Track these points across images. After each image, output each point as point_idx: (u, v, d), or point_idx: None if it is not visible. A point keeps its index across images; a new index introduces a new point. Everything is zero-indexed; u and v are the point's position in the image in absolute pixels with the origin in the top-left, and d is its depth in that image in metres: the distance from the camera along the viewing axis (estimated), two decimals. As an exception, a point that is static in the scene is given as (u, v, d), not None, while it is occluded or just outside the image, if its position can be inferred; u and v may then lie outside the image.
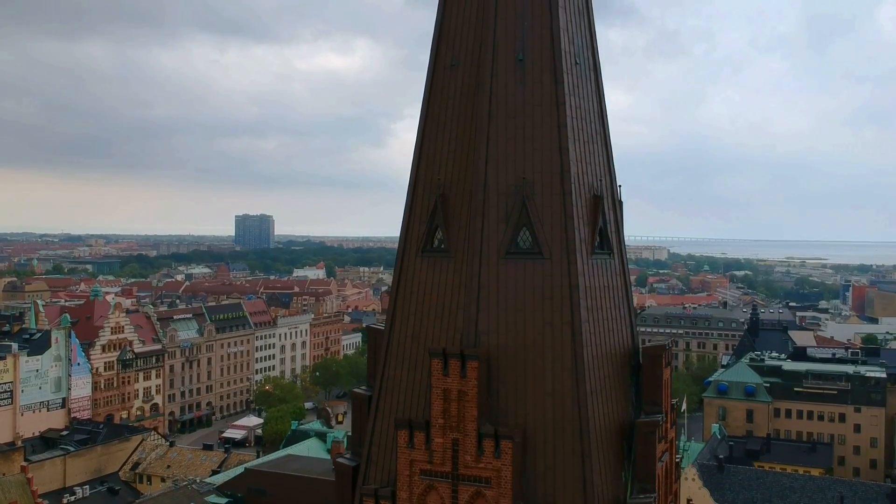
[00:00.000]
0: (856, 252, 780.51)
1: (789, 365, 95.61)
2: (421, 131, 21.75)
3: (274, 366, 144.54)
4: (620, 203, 22.33)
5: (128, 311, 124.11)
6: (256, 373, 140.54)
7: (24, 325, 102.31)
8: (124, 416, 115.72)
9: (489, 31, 20.62)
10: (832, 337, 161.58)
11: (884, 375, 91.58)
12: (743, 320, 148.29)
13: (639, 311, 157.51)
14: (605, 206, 20.80)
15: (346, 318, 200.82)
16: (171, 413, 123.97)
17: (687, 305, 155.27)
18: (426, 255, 20.89)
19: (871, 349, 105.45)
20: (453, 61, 21.30)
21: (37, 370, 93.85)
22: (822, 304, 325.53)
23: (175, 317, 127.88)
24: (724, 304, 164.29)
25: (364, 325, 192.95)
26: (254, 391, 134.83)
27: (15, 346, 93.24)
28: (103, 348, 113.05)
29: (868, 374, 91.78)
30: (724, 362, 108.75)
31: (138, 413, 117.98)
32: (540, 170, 20.00)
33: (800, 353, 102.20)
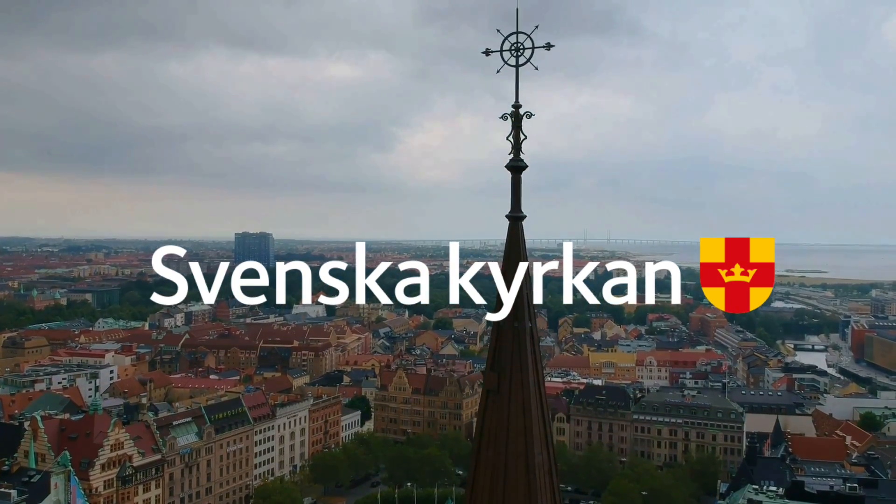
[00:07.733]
0: (855, 262, 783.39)
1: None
2: None
3: (273, 458, 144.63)
4: None
5: (125, 422, 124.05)
6: (256, 467, 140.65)
7: (21, 465, 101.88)
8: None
9: None
10: (831, 415, 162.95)
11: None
12: (741, 410, 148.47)
13: (640, 395, 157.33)
14: None
15: (346, 379, 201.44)
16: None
17: (686, 392, 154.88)
18: None
19: (869, 481, 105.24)
20: None
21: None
22: (822, 339, 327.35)
23: (174, 423, 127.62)
24: (724, 387, 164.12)
25: (363, 391, 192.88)
26: (252, 490, 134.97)
27: (14, 493, 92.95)
28: (103, 467, 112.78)
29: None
30: (722, 490, 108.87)
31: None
32: None
33: (798, 487, 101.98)
